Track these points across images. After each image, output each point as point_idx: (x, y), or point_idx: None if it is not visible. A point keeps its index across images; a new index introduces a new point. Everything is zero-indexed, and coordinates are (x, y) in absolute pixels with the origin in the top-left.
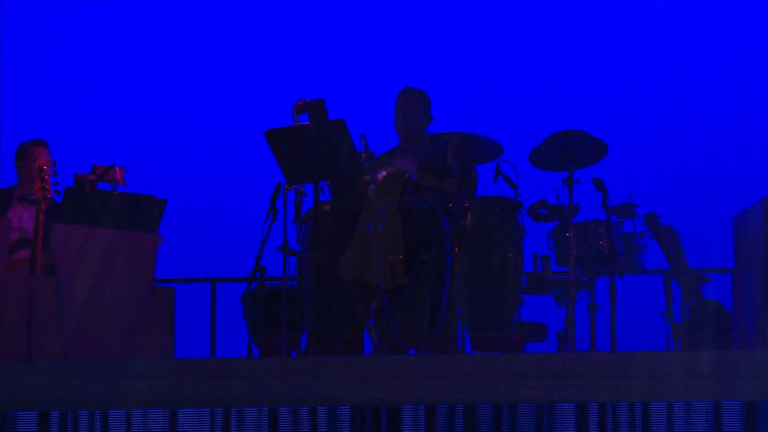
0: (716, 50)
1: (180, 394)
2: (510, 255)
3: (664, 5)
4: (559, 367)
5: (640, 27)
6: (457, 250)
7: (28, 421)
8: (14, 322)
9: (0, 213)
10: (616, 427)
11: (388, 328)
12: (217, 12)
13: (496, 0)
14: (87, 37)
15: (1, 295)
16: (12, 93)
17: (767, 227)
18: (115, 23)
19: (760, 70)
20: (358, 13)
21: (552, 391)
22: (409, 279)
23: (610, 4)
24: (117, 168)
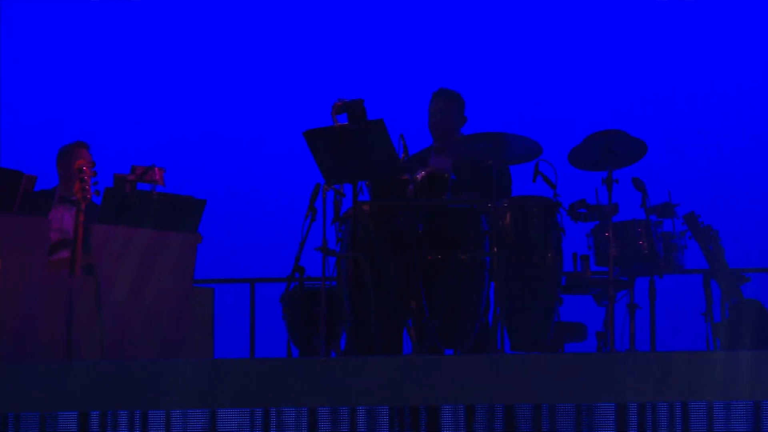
0: (756, 47)
1: (219, 395)
2: (549, 255)
3: (702, 4)
4: (598, 367)
5: (680, 26)
6: (495, 250)
7: (68, 421)
8: (54, 323)
9: (42, 214)
10: (656, 427)
11: (427, 328)
12: (255, 12)
13: None
14: (127, 36)
15: (41, 295)
16: (52, 94)
17: None
18: (154, 23)
19: None
20: (395, 14)
21: (591, 391)
22: (448, 279)
23: (648, 3)
24: (156, 168)
